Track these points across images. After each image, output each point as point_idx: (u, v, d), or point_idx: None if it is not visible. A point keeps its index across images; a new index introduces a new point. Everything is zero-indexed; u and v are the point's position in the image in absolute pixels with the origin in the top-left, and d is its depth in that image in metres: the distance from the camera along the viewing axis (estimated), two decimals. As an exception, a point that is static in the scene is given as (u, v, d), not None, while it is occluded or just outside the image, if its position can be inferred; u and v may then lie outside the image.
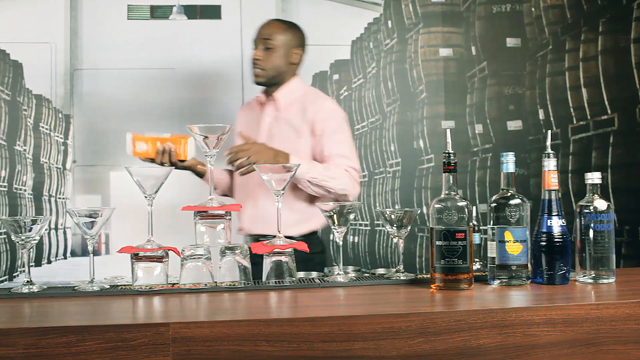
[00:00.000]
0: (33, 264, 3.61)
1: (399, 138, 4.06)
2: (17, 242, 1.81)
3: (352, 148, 2.74)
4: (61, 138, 3.83)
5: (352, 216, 1.94)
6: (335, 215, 1.93)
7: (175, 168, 2.47)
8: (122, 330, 1.39)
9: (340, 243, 1.95)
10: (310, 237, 2.65)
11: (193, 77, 3.87)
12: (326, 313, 1.57)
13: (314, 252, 2.67)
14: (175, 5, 3.88)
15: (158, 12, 3.87)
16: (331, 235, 2.27)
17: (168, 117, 3.84)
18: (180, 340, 1.40)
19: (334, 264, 2.07)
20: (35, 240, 1.82)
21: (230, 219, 1.91)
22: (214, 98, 3.89)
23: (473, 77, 4.09)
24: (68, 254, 3.80)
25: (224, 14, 3.93)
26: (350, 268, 2.20)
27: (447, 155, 1.85)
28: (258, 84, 2.79)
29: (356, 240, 4.12)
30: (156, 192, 1.86)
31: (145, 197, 1.86)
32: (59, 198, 3.83)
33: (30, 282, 1.83)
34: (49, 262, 3.73)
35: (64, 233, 3.82)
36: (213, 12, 3.92)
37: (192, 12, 3.90)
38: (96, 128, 3.82)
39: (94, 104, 3.82)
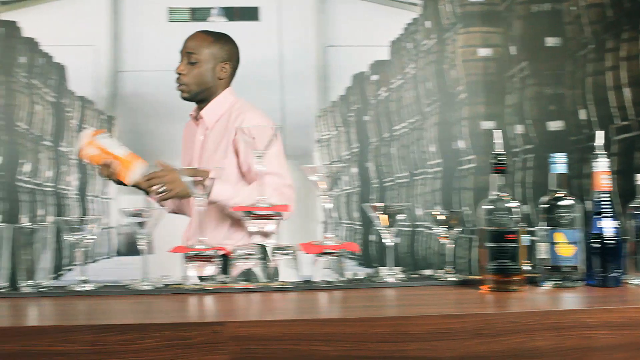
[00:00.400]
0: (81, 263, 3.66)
1: (438, 139, 4.04)
2: (71, 242, 1.85)
3: (280, 163, 2.56)
4: (104, 139, 3.88)
5: (400, 217, 1.94)
6: (384, 217, 1.93)
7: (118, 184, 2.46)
8: (181, 329, 1.41)
9: (390, 244, 1.95)
10: None
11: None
12: (378, 313, 1.58)
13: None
14: (214, 7, 3.92)
15: (198, 14, 3.91)
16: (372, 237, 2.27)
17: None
18: (236, 339, 1.41)
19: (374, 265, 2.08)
20: (90, 239, 1.85)
21: (280, 219, 1.92)
22: (253, 100, 3.89)
23: (513, 77, 4.06)
24: (113, 253, 3.86)
25: (261, 15, 3.95)
26: (396, 269, 2.20)
27: (496, 156, 1.84)
28: (184, 99, 2.66)
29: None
30: (207, 193, 1.88)
31: (196, 197, 1.88)
32: (103, 198, 3.89)
33: (85, 281, 1.86)
34: (94, 261, 3.78)
35: (108, 233, 3.87)
36: (251, 14, 3.95)
37: (231, 13, 3.93)
38: (138, 129, 3.87)
39: (136, 105, 3.88)
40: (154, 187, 2.40)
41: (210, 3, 3.91)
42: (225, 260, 1.96)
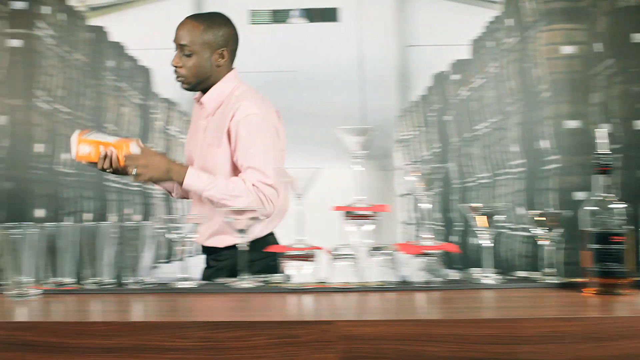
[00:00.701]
0: (167, 260, 3.75)
1: (521, 139, 3.97)
2: (172, 240, 1.89)
3: (266, 159, 2.40)
4: (188, 140, 3.97)
5: (499, 218, 1.91)
6: (482, 217, 1.91)
7: (115, 173, 2.41)
8: (290, 327, 1.43)
9: (488, 245, 1.93)
10: (267, 238, 2.53)
11: (313, 80, 3.92)
12: (484, 315, 1.57)
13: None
14: (295, 9, 3.95)
15: (279, 16, 3.95)
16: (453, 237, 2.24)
17: (289, 119, 3.89)
18: (345, 338, 1.42)
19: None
20: (192, 238, 1.89)
21: (378, 219, 1.92)
22: (334, 100, 3.93)
23: (597, 75, 3.96)
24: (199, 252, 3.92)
25: (341, 16, 3.96)
26: (489, 270, 2.17)
27: (599, 155, 1.80)
28: (185, 89, 2.56)
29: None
30: (306, 191, 1.89)
31: (296, 197, 1.89)
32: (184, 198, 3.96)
33: (186, 278, 1.90)
34: (180, 259, 3.86)
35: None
36: (331, 15, 3.97)
37: (311, 15, 3.96)
38: (221, 130, 3.93)
39: (219, 106, 3.93)
40: (128, 169, 2.34)
41: (291, 5, 3.94)
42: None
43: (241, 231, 1.88)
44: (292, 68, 3.93)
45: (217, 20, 2.51)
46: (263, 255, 2.40)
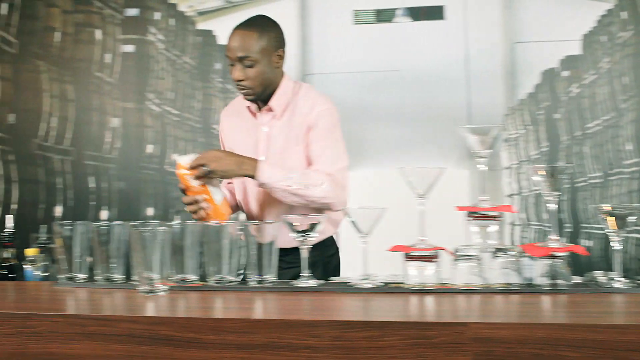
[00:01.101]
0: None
1: (636, 136, 3.81)
2: (296, 239, 1.92)
3: (339, 149, 2.49)
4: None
5: (631, 220, 1.84)
6: (612, 219, 1.84)
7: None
8: (424, 328, 1.41)
9: (618, 247, 1.85)
10: (327, 240, 2.61)
11: (418, 79, 3.90)
12: (624, 320, 1.51)
13: (332, 254, 2.64)
14: (399, 8, 3.93)
15: (383, 16, 3.94)
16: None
17: (394, 119, 3.90)
18: (480, 341, 1.39)
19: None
20: (313, 237, 1.91)
21: (502, 220, 1.88)
22: (439, 99, 3.89)
23: None
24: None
25: (447, 14, 3.92)
26: (613, 273, 2.08)
27: None
28: (251, 101, 2.54)
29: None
30: (428, 192, 1.88)
31: (418, 197, 1.88)
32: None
33: (309, 277, 1.92)
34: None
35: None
36: (436, 13, 3.92)
37: (416, 13, 3.93)
38: (325, 130, 3.96)
39: (323, 107, 3.97)
40: (200, 169, 2.27)
41: (395, 4, 3.93)
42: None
43: (305, 231, 1.89)
44: (396, 67, 3.91)
45: (266, 24, 2.49)
46: (327, 256, 2.51)
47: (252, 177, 2.36)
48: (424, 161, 3.90)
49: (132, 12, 4.27)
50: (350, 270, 3.71)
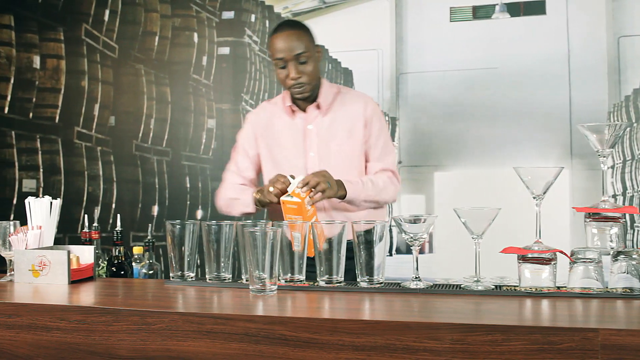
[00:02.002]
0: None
1: None
2: (406, 240, 1.89)
3: (392, 147, 2.66)
4: (388, 140, 4.00)
5: None
6: None
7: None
8: (550, 333, 1.37)
9: None
10: None
11: (516, 76, 3.80)
12: None
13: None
14: (497, 4, 3.85)
15: (480, 12, 3.86)
16: None
17: (491, 117, 3.81)
18: (610, 348, 1.34)
19: None
20: (423, 239, 1.88)
21: (624, 222, 1.80)
22: (539, 96, 3.78)
23: None
24: (393, 251, 3.96)
25: (548, 8, 3.80)
26: None
27: None
28: (303, 99, 2.57)
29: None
30: (545, 192, 1.82)
31: (534, 197, 1.82)
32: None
33: (417, 278, 1.90)
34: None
35: (390, 231, 3.97)
36: (537, 8, 3.82)
37: (515, 9, 3.84)
38: (420, 129, 3.93)
39: (418, 106, 3.94)
40: (318, 195, 2.31)
41: (493, 0, 3.84)
42: None
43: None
44: (493, 65, 3.83)
45: (301, 24, 2.60)
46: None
47: (343, 196, 2.46)
48: (522, 160, 3.80)
49: (228, 15, 4.35)
50: (444, 271, 3.66)
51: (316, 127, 2.60)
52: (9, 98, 4.29)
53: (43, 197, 2.26)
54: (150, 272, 2.58)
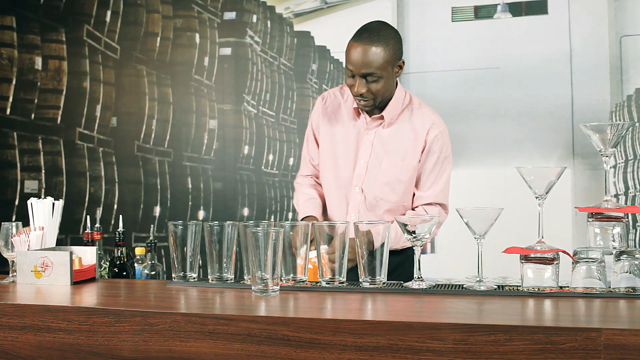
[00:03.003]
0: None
1: None
2: (410, 240, 1.89)
3: (448, 180, 2.47)
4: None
5: None
6: None
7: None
8: (553, 333, 1.36)
9: None
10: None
11: (518, 76, 3.80)
12: None
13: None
14: (499, 4, 3.84)
15: (482, 12, 3.86)
16: None
17: (493, 117, 3.81)
18: (613, 348, 1.33)
19: None
20: (425, 239, 1.88)
21: (627, 221, 1.80)
22: (541, 96, 3.78)
23: None
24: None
25: (550, 8, 3.80)
26: None
27: None
28: (366, 111, 2.46)
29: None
30: (547, 192, 1.82)
31: (536, 197, 1.82)
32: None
33: (419, 279, 1.89)
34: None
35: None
36: (539, 8, 3.82)
37: (516, 9, 3.83)
38: (423, 129, 3.92)
39: (421, 106, 3.93)
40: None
41: (495, 0, 3.84)
42: None
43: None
44: (496, 65, 3.83)
45: (387, 34, 2.35)
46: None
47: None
48: (525, 160, 3.80)
49: (230, 15, 4.35)
50: (446, 271, 3.66)
51: (374, 137, 2.48)
52: (10, 99, 4.29)
53: (45, 198, 2.26)
54: (152, 272, 2.58)
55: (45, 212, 2.25)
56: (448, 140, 2.48)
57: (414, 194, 2.49)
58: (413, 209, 2.49)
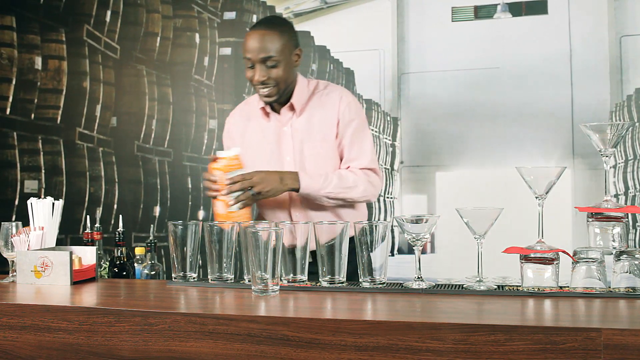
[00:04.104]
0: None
1: None
2: (409, 240, 1.89)
3: (371, 145, 2.51)
4: (389, 140, 4.00)
5: None
6: None
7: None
8: (553, 333, 1.36)
9: None
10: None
11: (518, 76, 3.80)
12: None
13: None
14: (499, 4, 3.85)
15: (482, 12, 3.86)
16: None
17: (493, 117, 3.81)
18: (612, 348, 1.33)
19: None
20: (425, 239, 1.88)
21: (627, 221, 1.80)
22: (541, 96, 3.78)
23: None
24: (395, 251, 3.96)
25: (550, 8, 3.80)
26: None
27: None
28: (270, 103, 2.49)
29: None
30: (547, 192, 1.82)
31: (536, 197, 1.82)
32: (387, 197, 4.00)
33: (419, 278, 1.89)
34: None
35: (392, 231, 3.97)
36: (539, 8, 3.82)
37: (516, 9, 3.84)
38: (422, 129, 3.93)
39: (420, 106, 3.93)
40: (240, 194, 2.28)
41: (495, 0, 3.84)
42: None
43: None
44: (496, 65, 3.83)
45: (283, 23, 2.47)
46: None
47: (295, 190, 2.40)
48: (525, 160, 3.80)
49: (230, 15, 4.35)
50: (446, 271, 3.66)
51: (291, 129, 2.51)
52: (10, 99, 4.29)
53: (45, 198, 2.26)
54: (152, 272, 2.58)
55: (45, 212, 2.25)
56: (360, 107, 2.54)
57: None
58: None
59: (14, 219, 4.13)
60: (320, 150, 2.48)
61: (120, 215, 2.63)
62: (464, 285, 1.88)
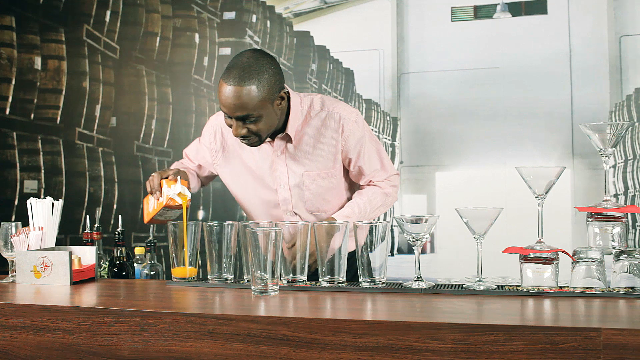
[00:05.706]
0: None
1: None
2: (408, 240, 1.89)
3: (384, 151, 2.39)
4: (389, 140, 4.00)
5: None
6: None
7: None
8: (552, 333, 1.36)
9: None
10: None
11: (518, 76, 3.80)
12: None
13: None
14: (499, 4, 3.85)
15: (482, 12, 3.86)
16: None
17: (493, 117, 3.81)
18: (612, 348, 1.33)
19: None
20: (425, 238, 1.88)
21: (626, 221, 1.80)
22: (540, 96, 3.78)
23: None
24: (395, 251, 3.96)
25: (550, 8, 3.80)
26: None
27: None
28: (257, 145, 2.25)
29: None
30: (547, 192, 1.82)
31: (536, 197, 1.82)
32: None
33: (419, 278, 1.89)
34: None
35: (392, 231, 3.97)
36: (539, 8, 3.82)
37: (516, 9, 3.84)
38: (422, 129, 3.93)
39: (420, 106, 3.94)
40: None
41: (494, 0, 3.84)
42: None
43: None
44: (495, 64, 3.83)
45: (258, 68, 2.10)
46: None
47: None
48: (524, 160, 3.80)
49: (229, 15, 4.35)
50: (445, 271, 3.66)
51: (286, 157, 2.32)
52: (10, 99, 4.29)
53: (44, 198, 2.26)
54: (152, 272, 2.57)
55: (45, 212, 2.24)
56: (363, 122, 2.34)
57: (353, 184, 2.43)
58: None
59: (13, 219, 4.13)
60: (318, 180, 2.33)
61: (120, 215, 2.63)
62: (463, 285, 1.88)
